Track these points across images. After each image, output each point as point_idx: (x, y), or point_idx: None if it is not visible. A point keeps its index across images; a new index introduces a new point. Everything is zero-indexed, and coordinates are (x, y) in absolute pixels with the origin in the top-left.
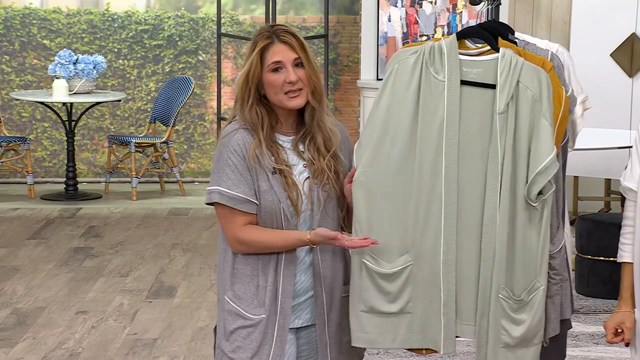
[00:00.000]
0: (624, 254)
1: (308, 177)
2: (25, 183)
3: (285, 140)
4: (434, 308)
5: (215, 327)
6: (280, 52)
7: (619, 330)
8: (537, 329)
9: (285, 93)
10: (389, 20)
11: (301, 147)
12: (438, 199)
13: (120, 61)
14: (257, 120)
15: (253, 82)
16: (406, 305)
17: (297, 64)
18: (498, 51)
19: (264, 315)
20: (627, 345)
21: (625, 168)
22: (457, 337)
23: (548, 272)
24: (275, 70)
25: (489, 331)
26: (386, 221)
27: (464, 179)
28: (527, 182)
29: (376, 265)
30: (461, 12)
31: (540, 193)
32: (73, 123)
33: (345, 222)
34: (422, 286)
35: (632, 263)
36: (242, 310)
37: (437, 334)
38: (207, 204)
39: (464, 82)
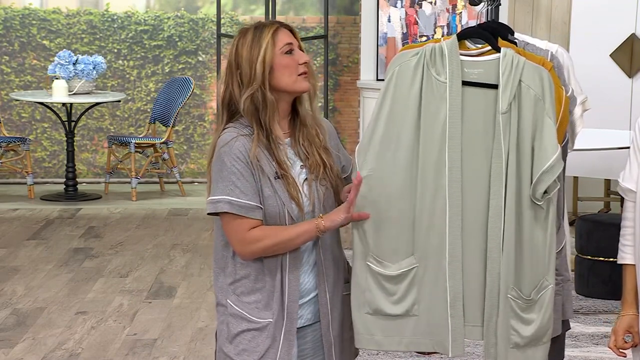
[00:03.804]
0: (626, 256)
1: (306, 178)
2: (25, 183)
3: (284, 142)
4: (441, 310)
5: (216, 331)
6: (288, 36)
7: (627, 335)
8: (546, 328)
9: (299, 75)
10: (389, 20)
11: (297, 147)
12: (442, 200)
13: (120, 62)
14: (275, 104)
15: (268, 66)
16: (412, 308)
17: (300, 49)
18: (499, 51)
19: (270, 319)
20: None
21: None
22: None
23: None
24: (289, 52)
25: (498, 332)
26: (391, 224)
27: (468, 179)
28: (531, 181)
29: (380, 267)
30: (461, 12)
31: (545, 192)
32: (73, 123)
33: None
34: (427, 288)
35: (634, 265)
36: (246, 314)
37: (444, 337)
38: (211, 214)
39: (465, 83)
